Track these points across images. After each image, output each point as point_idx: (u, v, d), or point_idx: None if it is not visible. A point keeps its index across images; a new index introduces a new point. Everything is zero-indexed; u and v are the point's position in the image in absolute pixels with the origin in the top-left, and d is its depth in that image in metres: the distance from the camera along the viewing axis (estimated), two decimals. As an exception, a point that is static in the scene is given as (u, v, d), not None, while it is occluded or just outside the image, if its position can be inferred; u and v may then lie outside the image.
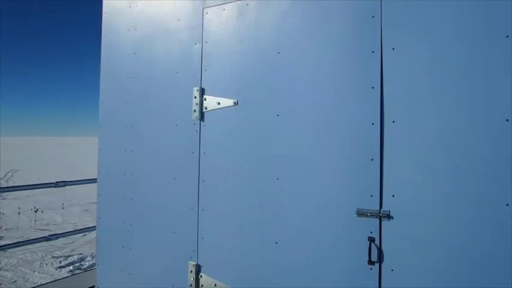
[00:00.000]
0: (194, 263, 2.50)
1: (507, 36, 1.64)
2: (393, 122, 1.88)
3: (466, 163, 1.71)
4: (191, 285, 2.50)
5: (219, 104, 2.43)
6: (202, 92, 2.51)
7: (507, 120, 1.63)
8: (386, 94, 1.90)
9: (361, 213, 1.92)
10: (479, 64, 1.70)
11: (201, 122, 2.51)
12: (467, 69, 1.72)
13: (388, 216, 1.87)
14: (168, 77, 2.68)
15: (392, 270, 1.86)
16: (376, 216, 1.89)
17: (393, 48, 1.89)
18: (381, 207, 1.89)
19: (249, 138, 2.32)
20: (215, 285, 2.41)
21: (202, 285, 2.47)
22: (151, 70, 2.78)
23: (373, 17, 1.94)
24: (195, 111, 2.52)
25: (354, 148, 1.97)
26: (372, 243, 1.89)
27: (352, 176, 1.97)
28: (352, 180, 1.97)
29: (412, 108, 1.84)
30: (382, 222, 1.89)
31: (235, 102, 2.37)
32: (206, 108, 2.49)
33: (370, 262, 1.89)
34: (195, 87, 2.53)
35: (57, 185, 4.17)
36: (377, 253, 1.89)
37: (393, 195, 1.86)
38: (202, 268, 2.49)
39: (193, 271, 2.50)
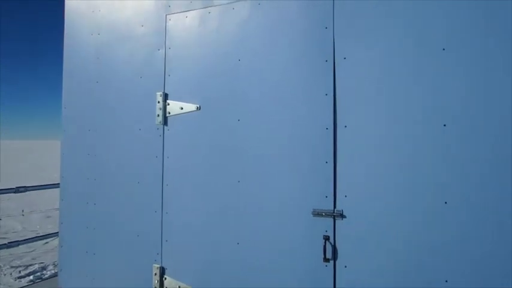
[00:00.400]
0: (158, 265, 2.54)
1: (443, 49, 1.81)
2: (345, 126, 2.01)
3: (412, 163, 1.85)
4: (155, 287, 2.54)
5: (182, 108, 2.49)
6: (165, 96, 2.56)
7: (444, 125, 1.79)
8: (339, 100, 2.03)
9: (316, 213, 2.03)
10: (424, 71, 1.86)
11: (165, 127, 2.56)
12: (413, 77, 1.88)
13: (342, 216, 1.99)
14: (131, 82, 2.71)
15: (345, 266, 1.98)
16: (331, 216, 2.01)
17: (345, 58, 2.02)
18: (334, 207, 2.01)
19: (211, 142, 2.39)
20: (179, 287, 2.46)
21: (166, 287, 2.51)
22: (114, 75, 2.80)
23: (326, 28, 2.07)
24: (158, 115, 2.57)
25: (310, 152, 2.08)
26: (326, 242, 2.01)
27: (308, 178, 2.08)
28: (308, 181, 2.08)
29: (363, 113, 1.97)
30: (336, 221, 2.01)
31: (197, 107, 2.43)
32: (169, 113, 2.54)
33: (326, 259, 2.01)
34: (158, 92, 2.58)
35: (17, 190, 4.06)
36: (331, 251, 2.01)
37: (346, 196, 1.99)
38: (166, 270, 2.53)
39: (158, 274, 2.53)
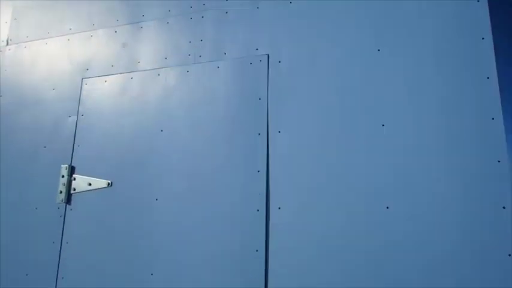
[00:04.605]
0: None
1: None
2: (279, 208, 1.76)
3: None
4: None
5: (90, 184, 2.10)
6: (71, 170, 2.16)
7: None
8: (272, 178, 1.80)
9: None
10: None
11: (67, 206, 2.12)
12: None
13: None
14: (33, 152, 2.30)
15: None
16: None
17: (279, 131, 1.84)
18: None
19: (123, 226, 1.99)
20: None
21: None
22: (15, 143, 2.37)
23: (260, 99, 1.91)
24: (61, 192, 2.14)
25: (241, 239, 1.77)
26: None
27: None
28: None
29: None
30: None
31: (109, 184, 2.06)
32: (75, 190, 2.13)
33: None
34: (63, 164, 2.18)
35: None
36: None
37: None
38: None
39: None
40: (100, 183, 2.08)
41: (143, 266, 1.89)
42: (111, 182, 2.06)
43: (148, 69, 2.14)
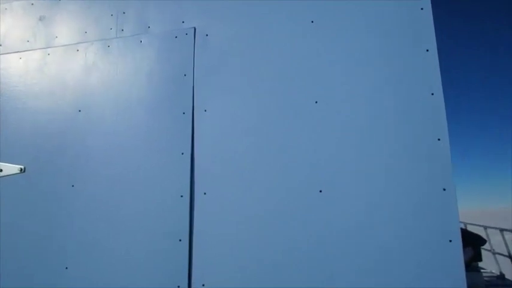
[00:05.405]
0: None
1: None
2: (204, 194, 1.62)
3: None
4: None
5: (1, 171, 1.90)
6: (-19, 155, 1.95)
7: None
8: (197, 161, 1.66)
9: None
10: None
11: (-24, 195, 1.92)
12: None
13: None
14: None
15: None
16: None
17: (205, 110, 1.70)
18: None
19: (36, 215, 1.80)
20: None
21: None
22: None
23: (185, 75, 1.76)
24: (-31, 180, 1.93)
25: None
26: None
27: None
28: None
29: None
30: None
31: (21, 169, 1.87)
32: (-16, 177, 1.93)
33: None
34: (-28, 149, 1.97)
35: None
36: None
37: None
38: None
39: None
40: (11, 168, 1.88)
41: (57, 259, 1.72)
42: (24, 168, 1.87)
43: (67, 45, 1.95)
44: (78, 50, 1.92)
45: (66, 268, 1.71)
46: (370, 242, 1.41)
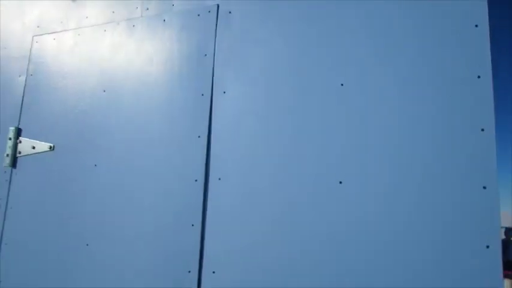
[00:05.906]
0: None
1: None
2: (219, 179, 1.56)
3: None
4: None
5: (33, 148, 1.98)
6: (18, 132, 2.04)
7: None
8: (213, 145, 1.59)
9: None
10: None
11: (13, 170, 2.02)
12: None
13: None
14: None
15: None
16: None
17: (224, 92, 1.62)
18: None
19: (62, 193, 1.86)
20: None
21: None
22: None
23: (205, 55, 1.69)
24: (7, 155, 2.03)
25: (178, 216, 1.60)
26: None
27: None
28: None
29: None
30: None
31: (51, 147, 1.93)
32: (20, 153, 2.02)
33: None
34: (11, 126, 2.07)
35: None
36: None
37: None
38: None
39: None
40: (43, 146, 1.95)
41: (78, 236, 1.76)
42: (53, 146, 1.93)
43: (95, 25, 1.96)
44: (105, 31, 1.93)
45: (87, 245, 1.74)
46: (391, 240, 1.26)
